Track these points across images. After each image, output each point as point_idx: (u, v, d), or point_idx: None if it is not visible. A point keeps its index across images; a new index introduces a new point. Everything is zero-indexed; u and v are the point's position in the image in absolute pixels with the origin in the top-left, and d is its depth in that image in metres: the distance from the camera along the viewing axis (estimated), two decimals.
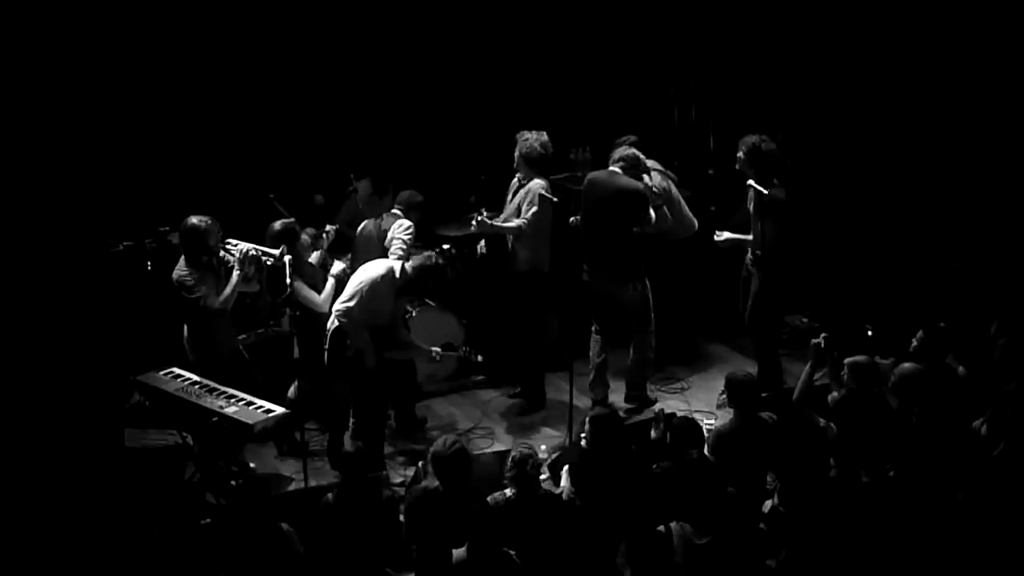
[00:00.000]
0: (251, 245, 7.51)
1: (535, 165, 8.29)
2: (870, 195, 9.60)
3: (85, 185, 8.57)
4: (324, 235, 8.27)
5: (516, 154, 8.32)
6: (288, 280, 7.41)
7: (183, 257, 7.47)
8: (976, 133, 9.26)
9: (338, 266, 7.95)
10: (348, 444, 6.82)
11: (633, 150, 8.28)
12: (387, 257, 7.94)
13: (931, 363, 7.18)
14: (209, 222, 7.43)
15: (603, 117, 9.73)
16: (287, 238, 7.70)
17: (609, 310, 8.54)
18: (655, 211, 8.40)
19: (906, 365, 7.15)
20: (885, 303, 9.29)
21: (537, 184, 8.27)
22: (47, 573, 6.23)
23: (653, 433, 7.01)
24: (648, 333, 8.55)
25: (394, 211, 8.33)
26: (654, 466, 6.47)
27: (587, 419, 6.76)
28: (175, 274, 7.44)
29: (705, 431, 6.91)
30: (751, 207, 8.39)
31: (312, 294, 7.77)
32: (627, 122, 9.15)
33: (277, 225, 7.84)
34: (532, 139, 8.27)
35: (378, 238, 8.26)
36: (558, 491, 6.72)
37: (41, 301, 7.80)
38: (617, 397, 8.71)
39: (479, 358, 8.16)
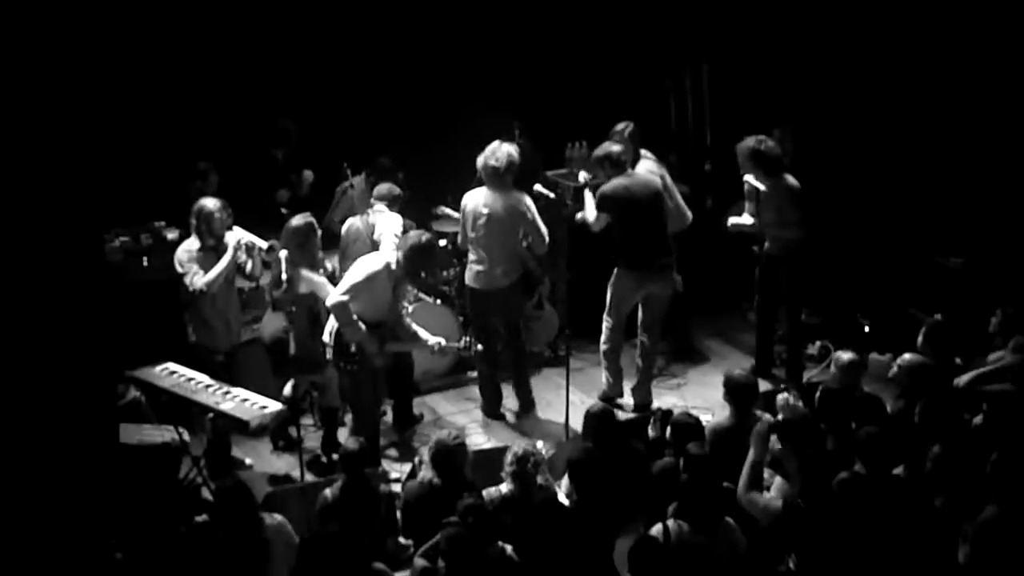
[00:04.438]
0: (245, 233, 7.53)
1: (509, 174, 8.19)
2: (867, 189, 9.60)
3: (80, 179, 8.56)
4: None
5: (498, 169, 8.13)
6: (284, 276, 7.42)
7: (193, 237, 7.53)
8: (975, 127, 9.27)
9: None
10: (350, 440, 6.83)
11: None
12: (377, 251, 7.92)
13: (936, 357, 7.20)
14: (220, 206, 7.49)
15: (599, 112, 9.71)
16: (305, 233, 7.63)
17: (637, 310, 8.56)
18: None
19: (908, 356, 7.18)
20: (882, 298, 9.33)
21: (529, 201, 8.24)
22: (40, 571, 6.23)
23: (651, 431, 7.04)
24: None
25: (377, 208, 8.36)
26: (653, 463, 6.48)
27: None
28: (178, 250, 7.53)
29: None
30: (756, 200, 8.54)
31: (328, 288, 7.66)
32: (623, 117, 9.15)
33: (295, 220, 7.72)
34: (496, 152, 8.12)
35: (367, 233, 8.29)
36: (557, 488, 6.73)
37: (35, 295, 7.79)
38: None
39: (479, 347, 8.14)
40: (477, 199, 8.25)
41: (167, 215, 8.57)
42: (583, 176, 8.59)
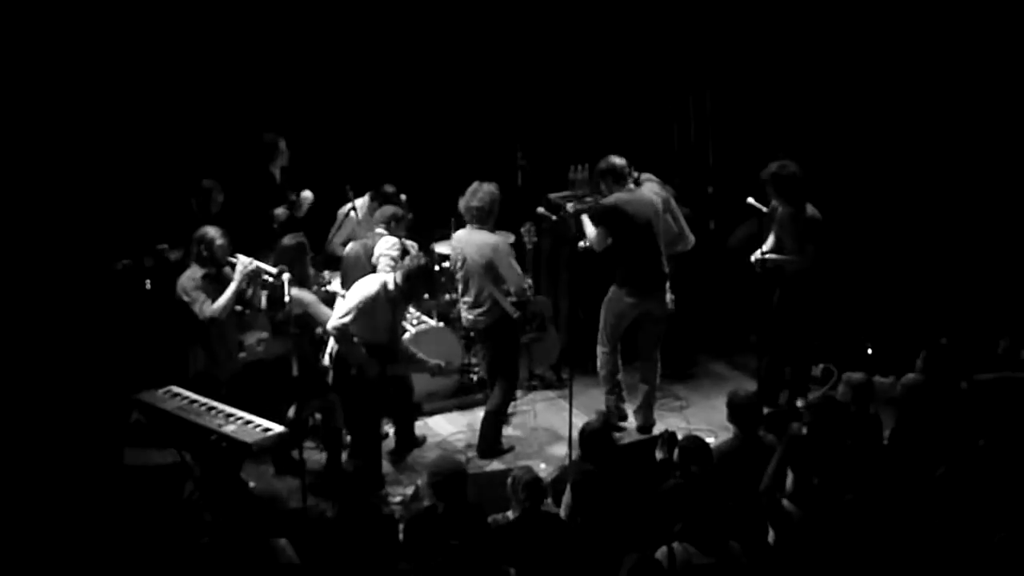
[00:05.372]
0: (252, 260, 7.56)
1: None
2: (869, 211, 9.58)
3: (85, 205, 8.59)
4: (322, 276, 8.20)
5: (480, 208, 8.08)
6: (287, 298, 7.43)
7: (193, 265, 7.54)
8: (976, 150, 9.26)
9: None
10: (349, 463, 6.81)
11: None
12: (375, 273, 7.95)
13: (936, 379, 7.18)
14: (221, 233, 7.51)
15: (602, 135, 9.72)
16: (297, 253, 7.73)
17: (635, 331, 8.53)
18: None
19: (911, 376, 7.18)
20: (885, 320, 9.31)
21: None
22: None
23: (658, 454, 7.04)
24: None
25: (378, 230, 8.36)
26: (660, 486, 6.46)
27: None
28: (180, 280, 7.52)
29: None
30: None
31: (324, 310, 7.71)
32: (626, 140, 9.14)
33: (287, 240, 7.84)
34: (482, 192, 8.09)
35: (365, 257, 8.31)
36: (558, 510, 6.72)
37: (41, 320, 7.81)
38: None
39: (474, 378, 8.11)
40: (459, 239, 8.22)
41: (169, 236, 8.55)
42: (570, 207, 8.54)
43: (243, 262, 7.52)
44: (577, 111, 10.16)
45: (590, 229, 8.35)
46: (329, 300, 7.95)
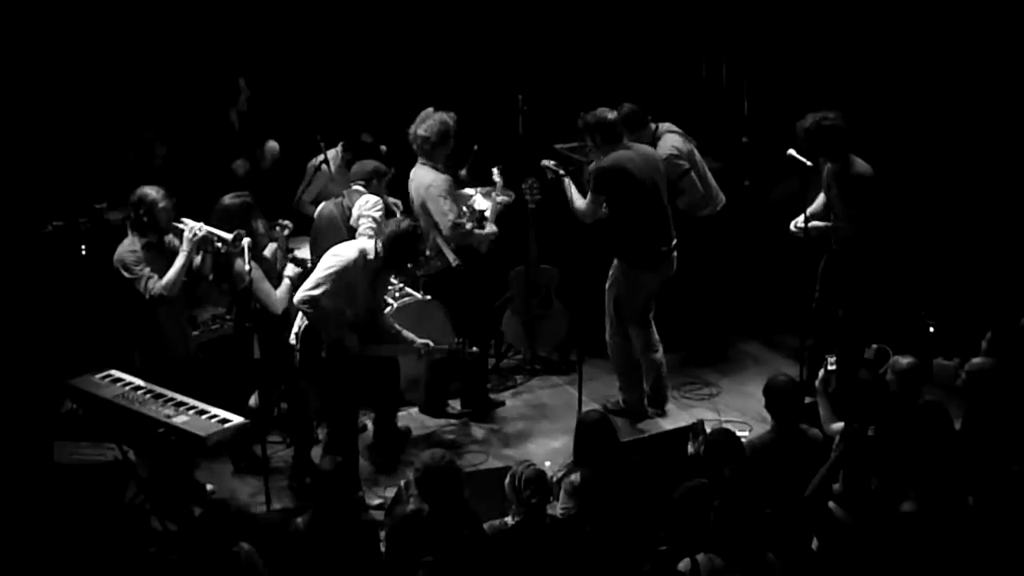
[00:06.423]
0: (202, 225, 7.42)
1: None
2: (932, 167, 9.40)
3: (9, 157, 8.52)
4: (278, 227, 8.07)
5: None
6: (247, 266, 7.29)
7: (131, 234, 7.34)
8: None
9: (291, 268, 7.84)
10: (324, 460, 6.76)
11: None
12: (355, 238, 7.86)
13: (1009, 363, 7.00)
14: (164, 195, 7.29)
15: (620, 78, 9.64)
16: (242, 215, 7.56)
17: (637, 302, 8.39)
18: (683, 178, 8.54)
19: (976, 361, 7.03)
20: (951, 293, 9.19)
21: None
22: None
23: (690, 447, 6.94)
24: None
25: (355, 187, 8.23)
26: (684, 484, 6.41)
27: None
28: (118, 252, 7.29)
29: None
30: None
31: (269, 288, 7.61)
32: (648, 83, 9.07)
33: (228, 199, 7.65)
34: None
35: (342, 218, 8.17)
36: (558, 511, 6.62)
37: None
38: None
39: (474, 349, 8.06)
40: (411, 176, 8.29)
41: (107, 194, 8.49)
42: (548, 163, 8.49)
43: (191, 227, 7.31)
44: (588, 47, 10.04)
45: (578, 199, 8.23)
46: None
